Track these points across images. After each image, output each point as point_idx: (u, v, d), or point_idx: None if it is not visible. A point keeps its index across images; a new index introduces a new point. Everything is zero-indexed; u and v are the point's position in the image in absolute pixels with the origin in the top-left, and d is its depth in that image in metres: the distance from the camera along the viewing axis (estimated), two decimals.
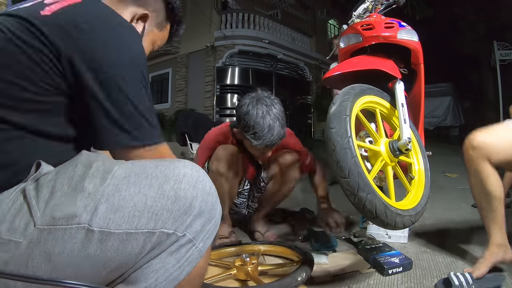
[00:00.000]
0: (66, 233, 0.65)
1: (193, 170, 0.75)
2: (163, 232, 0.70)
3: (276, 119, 1.80)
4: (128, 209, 0.67)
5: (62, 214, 0.65)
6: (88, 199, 0.66)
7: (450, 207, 2.69)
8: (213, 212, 0.77)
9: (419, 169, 1.72)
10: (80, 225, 0.65)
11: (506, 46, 9.50)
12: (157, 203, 0.69)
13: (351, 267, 1.73)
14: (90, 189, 0.67)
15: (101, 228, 0.66)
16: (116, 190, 0.68)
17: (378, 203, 1.33)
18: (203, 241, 0.75)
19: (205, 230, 0.76)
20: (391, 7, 1.98)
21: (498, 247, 1.51)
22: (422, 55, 1.84)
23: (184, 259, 0.73)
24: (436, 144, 6.87)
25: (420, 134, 1.91)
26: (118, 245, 0.67)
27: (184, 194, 0.71)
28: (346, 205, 1.68)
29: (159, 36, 1.08)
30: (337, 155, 1.34)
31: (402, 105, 1.62)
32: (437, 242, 1.99)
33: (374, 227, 2.11)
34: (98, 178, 0.69)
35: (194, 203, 0.72)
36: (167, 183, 0.71)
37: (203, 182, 0.75)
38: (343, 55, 1.93)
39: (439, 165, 4.55)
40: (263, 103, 1.81)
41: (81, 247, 0.65)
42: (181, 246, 0.72)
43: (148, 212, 0.68)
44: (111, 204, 0.67)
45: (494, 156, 1.49)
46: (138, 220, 0.68)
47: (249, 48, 12.06)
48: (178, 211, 0.70)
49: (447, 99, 10.19)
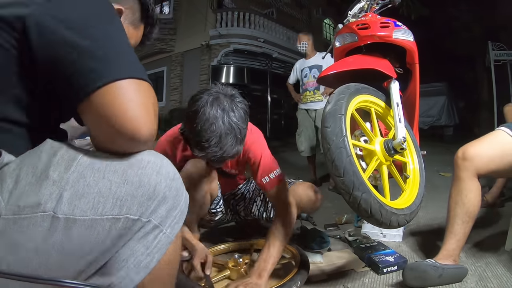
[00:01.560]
0: (31, 222, 0.63)
1: (157, 157, 0.75)
2: (128, 218, 0.69)
3: (232, 130, 1.32)
4: (93, 195, 0.66)
5: (27, 203, 0.64)
6: (53, 187, 0.65)
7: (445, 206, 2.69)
8: (178, 198, 0.77)
9: (414, 168, 1.72)
10: (46, 213, 0.64)
11: (501, 46, 9.54)
12: (121, 189, 0.68)
13: (346, 266, 1.73)
14: (55, 177, 0.66)
15: (66, 215, 0.64)
16: (81, 177, 0.67)
17: (373, 202, 1.33)
18: (170, 227, 0.75)
19: (171, 216, 0.75)
20: (386, 6, 1.98)
21: (447, 257, 1.54)
22: (417, 54, 1.85)
23: (153, 246, 0.73)
24: (431, 144, 6.90)
25: (415, 134, 1.92)
26: (84, 232, 0.66)
27: (148, 179, 0.70)
28: (341, 204, 1.69)
29: (133, 35, 1.06)
30: (332, 154, 1.34)
31: (397, 104, 1.62)
32: (432, 241, 2.00)
33: (369, 226, 2.12)
34: (63, 165, 0.67)
35: (158, 189, 0.71)
36: (131, 169, 0.70)
37: (167, 168, 0.75)
38: (338, 54, 1.93)
39: (433, 164, 4.56)
40: (219, 105, 1.33)
41: (47, 235, 0.64)
42: (147, 233, 0.72)
43: (112, 198, 0.67)
44: (76, 190, 0.66)
45: (484, 168, 1.57)
46: (103, 206, 0.67)
47: (244, 47, 12.03)
48: (142, 196, 0.70)
49: (441, 99, 10.22)
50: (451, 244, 1.56)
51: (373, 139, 1.58)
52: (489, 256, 1.77)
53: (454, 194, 1.62)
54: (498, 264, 1.67)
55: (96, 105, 0.67)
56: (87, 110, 0.69)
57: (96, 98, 0.67)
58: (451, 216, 1.60)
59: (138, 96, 0.69)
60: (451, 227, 1.58)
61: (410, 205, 1.54)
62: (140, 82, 0.70)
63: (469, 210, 1.56)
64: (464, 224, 1.56)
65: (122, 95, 0.67)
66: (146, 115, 0.69)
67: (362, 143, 1.59)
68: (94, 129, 0.73)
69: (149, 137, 0.71)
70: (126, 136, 0.68)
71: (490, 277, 1.55)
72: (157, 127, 0.73)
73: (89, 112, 0.69)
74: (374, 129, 1.63)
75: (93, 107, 0.67)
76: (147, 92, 0.72)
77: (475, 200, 1.57)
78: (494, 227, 2.26)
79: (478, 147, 1.60)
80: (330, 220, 2.51)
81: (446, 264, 1.49)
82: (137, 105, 0.68)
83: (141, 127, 0.68)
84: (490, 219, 2.43)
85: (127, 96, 0.68)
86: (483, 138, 1.65)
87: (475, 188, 1.58)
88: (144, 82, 0.72)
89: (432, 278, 1.45)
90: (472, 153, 1.58)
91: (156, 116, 0.73)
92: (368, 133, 1.59)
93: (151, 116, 0.71)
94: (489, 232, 2.13)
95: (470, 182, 1.57)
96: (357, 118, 1.57)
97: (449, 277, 1.48)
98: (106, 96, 0.67)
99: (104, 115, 0.67)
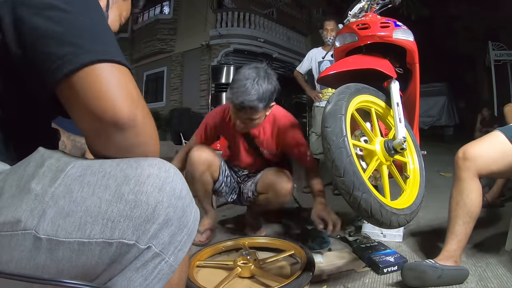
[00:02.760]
0: (12, 240, 0.57)
1: (161, 170, 0.64)
2: (122, 243, 0.59)
3: (257, 81, 1.78)
4: (79, 214, 0.58)
5: (7, 218, 0.58)
6: (35, 202, 0.58)
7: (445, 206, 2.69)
8: (185, 220, 0.66)
9: (414, 168, 1.72)
10: (26, 231, 0.57)
11: (501, 46, 9.56)
12: (113, 208, 0.59)
13: (346, 266, 1.73)
14: (38, 190, 0.59)
15: (48, 235, 0.57)
16: (67, 192, 0.59)
17: (373, 202, 1.33)
18: (174, 255, 0.64)
19: (176, 241, 0.64)
20: (386, 6, 1.98)
21: (448, 258, 1.53)
22: (417, 54, 1.85)
23: (153, 276, 0.63)
24: (431, 144, 6.90)
25: (415, 134, 1.91)
26: (70, 256, 0.58)
27: (146, 198, 0.60)
28: (342, 204, 1.68)
29: (124, 7, 1.02)
30: (332, 154, 1.34)
31: (397, 104, 1.62)
32: (432, 241, 2.00)
33: (369, 226, 2.11)
34: (49, 177, 0.61)
35: (159, 209, 0.61)
36: (127, 185, 0.60)
37: (172, 183, 0.64)
38: (338, 54, 1.93)
39: (433, 164, 4.56)
40: (254, 68, 1.84)
41: (29, 256, 0.58)
42: (147, 261, 0.62)
43: (102, 218, 0.58)
44: (61, 207, 0.58)
45: (485, 168, 1.57)
46: (91, 228, 0.58)
47: (244, 47, 12.02)
48: (139, 218, 0.60)
49: (442, 99, 10.23)
50: (452, 245, 1.55)
51: (373, 139, 1.58)
52: (490, 256, 1.77)
53: (455, 194, 1.61)
54: (498, 264, 1.67)
55: (74, 89, 0.61)
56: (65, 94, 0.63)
57: (73, 81, 0.60)
58: (452, 217, 1.59)
59: (116, 78, 0.63)
60: (452, 227, 1.57)
61: (410, 205, 1.54)
62: (118, 66, 0.64)
63: (470, 210, 1.55)
64: (465, 224, 1.55)
65: (99, 76, 0.61)
66: (126, 96, 0.62)
67: (362, 143, 1.59)
68: (77, 118, 0.65)
69: (132, 118, 0.62)
70: (108, 119, 0.61)
71: (490, 277, 1.54)
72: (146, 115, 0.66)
73: (68, 98, 0.63)
74: (374, 129, 1.63)
75: (71, 91, 0.61)
76: (126, 75, 0.65)
77: (476, 201, 1.56)
78: (494, 227, 2.26)
79: (478, 148, 1.59)
80: None
81: (446, 265, 1.49)
82: (115, 87, 0.62)
83: (122, 107, 0.61)
84: (490, 219, 2.43)
85: (104, 78, 0.61)
86: (483, 138, 1.65)
87: (476, 188, 1.57)
88: (122, 66, 0.65)
89: (431, 279, 1.45)
90: (473, 153, 1.57)
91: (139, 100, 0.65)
92: (368, 133, 1.59)
93: (132, 97, 0.63)
94: (489, 233, 2.13)
95: (472, 182, 1.57)
96: (357, 118, 1.57)
97: (449, 278, 1.47)
98: (83, 79, 0.60)
99: (83, 98, 0.61)
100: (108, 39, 0.66)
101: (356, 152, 1.50)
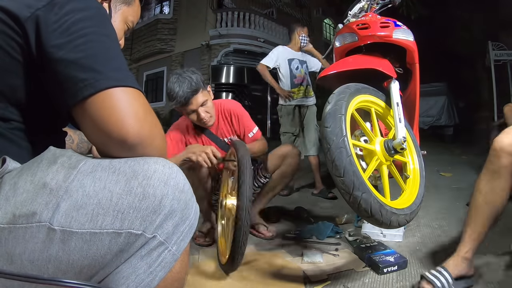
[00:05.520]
0: (27, 232, 0.61)
1: (165, 166, 0.69)
2: (131, 233, 0.64)
3: (182, 76, 1.98)
4: (92, 207, 0.63)
5: (22, 211, 0.61)
6: (50, 196, 0.62)
7: (445, 206, 2.70)
8: (187, 212, 0.71)
9: (414, 168, 1.72)
10: (41, 224, 0.61)
11: (501, 46, 9.56)
12: (123, 201, 0.64)
13: (346, 266, 1.73)
14: (53, 185, 0.63)
15: (62, 227, 0.61)
16: (80, 186, 0.64)
17: (373, 202, 1.33)
18: (176, 244, 0.69)
19: (179, 232, 0.70)
20: (386, 6, 1.99)
21: (463, 260, 1.43)
22: (417, 54, 1.85)
23: (156, 264, 0.67)
24: (431, 144, 6.90)
25: (415, 133, 1.91)
26: (82, 246, 0.62)
27: (153, 191, 0.65)
28: (342, 204, 1.68)
29: (130, 12, 1.04)
30: (332, 154, 1.34)
31: (397, 104, 1.63)
32: (432, 241, 2.00)
33: (369, 226, 2.12)
34: (62, 173, 0.65)
35: (164, 201, 0.66)
36: (135, 179, 0.65)
37: (176, 179, 0.69)
38: (338, 54, 1.93)
39: (433, 164, 4.57)
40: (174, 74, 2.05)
41: (42, 248, 0.61)
42: (152, 250, 0.67)
43: (113, 210, 0.63)
44: (74, 201, 0.62)
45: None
46: (102, 219, 0.63)
47: (244, 47, 12.05)
48: (146, 209, 0.65)
49: (442, 99, 10.21)
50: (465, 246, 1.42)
51: (373, 139, 1.58)
52: (492, 256, 1.75)
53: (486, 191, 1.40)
54: (499, 264, 1.66)
55: (85, 113, 0.68)
56: (78, 116, 0.70)
57: (84, 107, 0.67)
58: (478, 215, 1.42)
59: (124, 101, 0.69)
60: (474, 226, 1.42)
61: (410, 205, 1.54)
62: (126, 89, 0.70)
63: (499, 211, 1.39)
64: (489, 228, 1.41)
65: (107, 101, 0.68)
66: (132, 118, 0.68)
67: (362, 143, 1.59)
68: (87, 135, 0.72)
69: (137, 139, 0.68)
70: (115, 140, 0.68)
71: (492, 277, 1.54)
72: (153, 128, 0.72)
73: (80, 119, 0.70)
74: (374, 129, 1.63)
75: (83, 114, 0.68)
76: (134, 97, 0.71)
77: (505, 200, 1.38)
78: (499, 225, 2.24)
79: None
80: (330, 220, 2.51)
81: None
82: (123, 109, 0.68)
83: (128, 130, 0.67)
84: None
85: (112, 103, 0.68)
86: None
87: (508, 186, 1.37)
88: (130, 89, 0.71)
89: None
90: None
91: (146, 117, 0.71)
92: (368, 133, 1.59)
93: (138, 116, 0.69)
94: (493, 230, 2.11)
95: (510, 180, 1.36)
96: (357, 118, 1.57)
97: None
98: (93, 105, 0.67)
99: (93, 121, 0.68)
100: (121, 64, 0.73)
101: (356, 152, 1.50)
